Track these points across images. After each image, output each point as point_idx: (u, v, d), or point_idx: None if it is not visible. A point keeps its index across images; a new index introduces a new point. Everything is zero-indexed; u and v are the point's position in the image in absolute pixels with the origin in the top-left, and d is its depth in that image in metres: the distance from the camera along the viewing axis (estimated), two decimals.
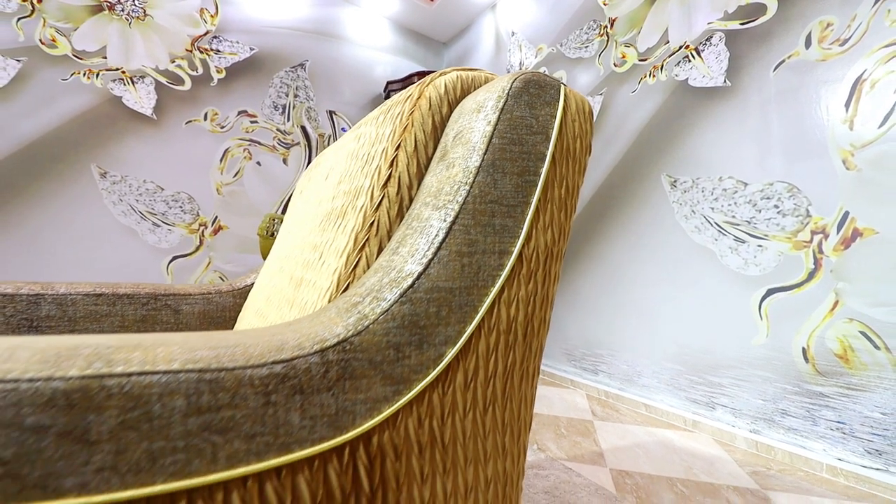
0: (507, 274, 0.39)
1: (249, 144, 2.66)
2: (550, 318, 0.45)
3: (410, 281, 0.36)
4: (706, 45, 1.72)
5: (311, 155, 2.89)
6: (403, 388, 0.34)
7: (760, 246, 1.51)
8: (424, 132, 0.46)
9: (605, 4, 2.17)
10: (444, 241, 0.37)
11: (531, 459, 1.32)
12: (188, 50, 2.48)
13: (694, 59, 1.75)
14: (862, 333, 1.28)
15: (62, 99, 2.18)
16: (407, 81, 2.98)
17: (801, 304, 1.40)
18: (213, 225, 2.52)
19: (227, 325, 0.92)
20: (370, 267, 0.42)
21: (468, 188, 0.39)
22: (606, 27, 2.16)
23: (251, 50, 2.68)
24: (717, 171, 1.65)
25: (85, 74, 2.23)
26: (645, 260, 1.88)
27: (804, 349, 1.39)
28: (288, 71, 2.82)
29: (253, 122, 2.67)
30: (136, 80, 2.34)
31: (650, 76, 1.92)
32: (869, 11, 1.31)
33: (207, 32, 2.54)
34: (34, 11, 2.15)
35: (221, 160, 2.56)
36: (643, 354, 1.86)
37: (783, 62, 1.49)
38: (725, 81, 1.65)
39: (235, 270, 2.58)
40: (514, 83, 0.42)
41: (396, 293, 0.35)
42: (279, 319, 0.54)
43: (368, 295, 0.36)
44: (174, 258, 2.40)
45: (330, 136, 2.99)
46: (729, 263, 1.59)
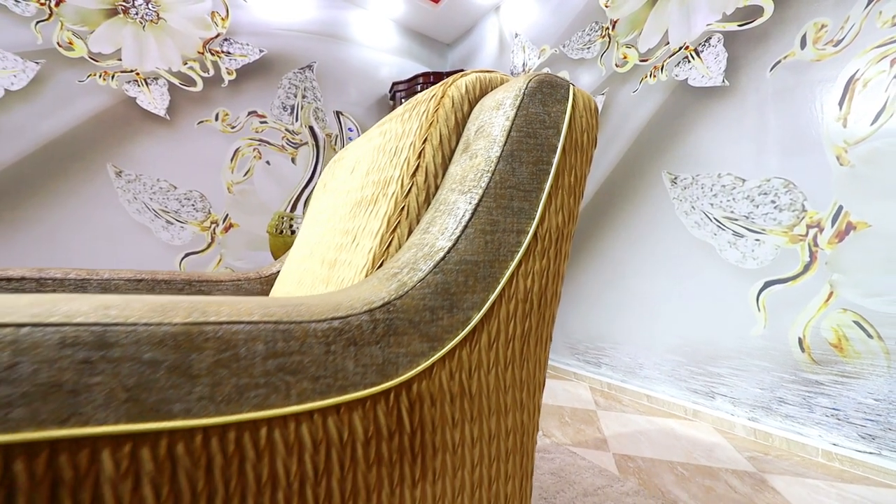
0: (524, 250, 0.45)
1: (259, 144, 2.72)
2: (561, 291, 0.50)
3: (442, 254, 0.41)
4: (705, 46, 1.77)
5: (318, 154, 2.95)
6: (437, 344, 0.39)
7: (758, 240, 1.56)
8: (448, 127, 0.52)
9: (606, 7, 2.23)
10: (470, 220, 0.43)
11: (537, 444, 1.37)
12: (200, 52, 2.54)
13: (693, 59, 1.80)
14: (855, 323, 1.33)
15: (79, 100, 2.24)
16: (412, 82, 3.03)
17: (797, 295, 1.46)
18: (224, 222, 2.59)
19: None
20: (401, 246, 0.48)
21: (490, 175, 0.45)
22: (608, 29, 2.21)
23: (260, 52, 2.75)
24: (716, 167, 1.70)
25: (101, 76, 2.29)
26: (646, 255, 1.93)
27: (800, 339, 1.44)
28: (296, 72, 2.88)
29: (262, 122, 2.74)
30: (149, 81, 2.40)
31: (651, 76, 1.98)
32: (861, 13, 1.36)
33: (218, 35, 2.60)
34: (52, 15, 2.21)
35: (232, 159, 2.62)
36: (645, 347, 1.91)
37: (779, 62, 1.54)
38: (724, 81, 1.70)
39: (245, 267, 2.64)
40: (529, 83, 0.47)
41: (430, 265, 0.41)
42: None
43: (406, 267, 0.41)
44: (187, 255, 2.46)
45: (337, 135, 3.05)
46: (728, 257, 1.64)
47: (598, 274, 2.15)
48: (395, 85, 3.13)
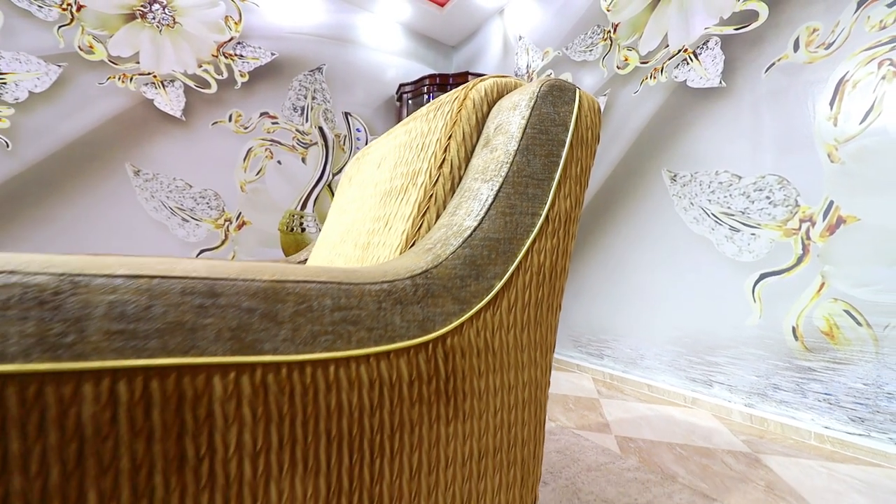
0: (537, 230, 0.52)
1: (271, 144, 2.80)
2: (569, 267, 0.57)
3: (468, 232, 0.49)
4: (703, 48, 1.84)
5: (327, 154, 3.03)
6: (466, 307, 0.47)
7: (753, 234, 1.63)
8: (470, 125, 0.59)
9: (608, 10, 2.30)
10: (491, 204, 0.50)
11: None
12: (214, 55, 2.63)
13: (692, 61, 1.88)
14: (846, 312, 1.40)
15: (99, 101, 2.33)
16: (419, 84, 3.11)
17: (790, 286, 1.53)
18: (237, 220, 2.67)
19: None
20: (430, 228, 0.56)
21: (509, 166, 0.52)
22: (610, 32, 2.29)
23: (272, 55, 2.83)
24: (713, 165, 1.77)
25: (120, 79, 2.37)
26: (647, 250, 2.00)
27: (794, 328, 1.51)
28: (306, 74, 2.97)
29: (274, 122, 2.82)
30: (166, 83, 2.49)
31: (651, 78, 2.05)
32: (850, 18, 1.43)
33: (232, 38, 2.69)
34: (73, 20, 2.30)
35: (245, 159, 2.71)
36: (646, 338, 1.98)
37: (774, 64, 1.61)
38: (721, 82, 1.77)
39: None
40: (541, 87, 0.55)
41: (459, 241, 0.48)
42: None
43: (438, 243, 0.49)
44: (202, 251, 2.54)
45: (345, 136, 3.13)
46: (725, 251, 1.71)
47: (600, 269, 2.23)
48: (401, 86, 3.20)
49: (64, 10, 2.29)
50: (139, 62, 2.43)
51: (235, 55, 2.70)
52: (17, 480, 0.28)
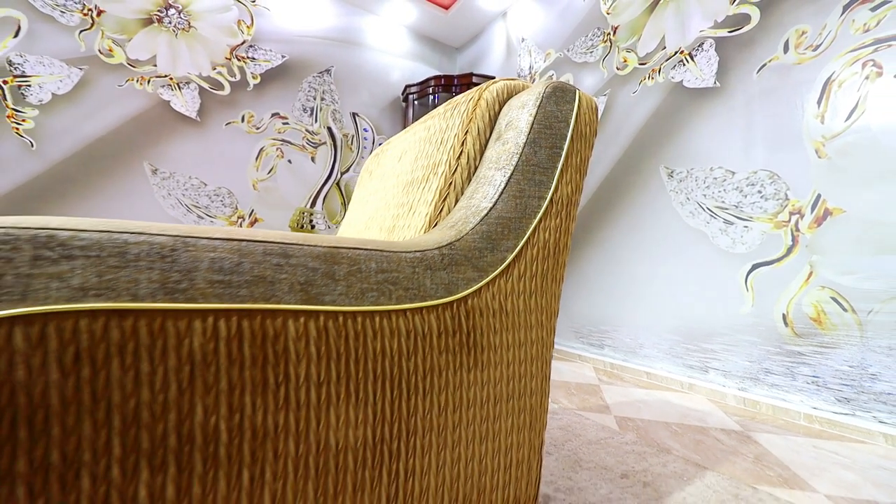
0: (543, 211, 0.61)
1: (281, 144, 2.89)
2: (570, 244, 0.66)
3: (485, 212, 0.58)
4: (698, 50, 1.93)
5: (336, 153, 3.12)
6: (484, 274, 0.55)
7: (746, 227, 1.72)
8: (484, 122, 0.68)
9: (608, 14, 2.39)
10: (504, 188, 0.59)
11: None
12: (227, 58, 2.72)
13: (688, 63, 1.96)
14: (833, 299, 1.48)
15: (118, 103, 2.42)
16: (424, 85, 3.20)
17: (781, 275, 1.61)
18: (249, 217, 2.76)
19: None
20: (450, 211, 0.64)
21: (518, 156, 0.61)
22: (609, 34, 2.37)
23: (283, 57, 2.92)
24: (708, 162, 1.86)
25: (138, 81, 2.47)
26: (645, 243, 2.09)
27: (784, 315, 1.59)
28: (315, 76, 3.06)
29: (284, 123, 2.91)
30: (182, 85, 2.58)
31: (649, 78, 2.13)
32: (837, 21, 1.51)
33: (244, 42, 2.78)
34: (94, 24, 2.39)
35: (257, 158, 2.80)
36: (644, 327, 2.06)
37: (765, 65, 1.70)
38: (715, 83, 1.85)
39: None
40: (546, 89, 0.64)
41: (477, 219, 0.57)
42: None
43: (460, 221, 0.58)
44: None
45: (353, 136, 3.22)
46: (719, 243, 1.80)
47: (600, 262, 2.31)
48: (407, 87, 3.29)
49: (85, 14, 2.38)
50: (156, 65, 2.52)
51: (248, 58, 2.80)
52: (145, 393, 0.37)
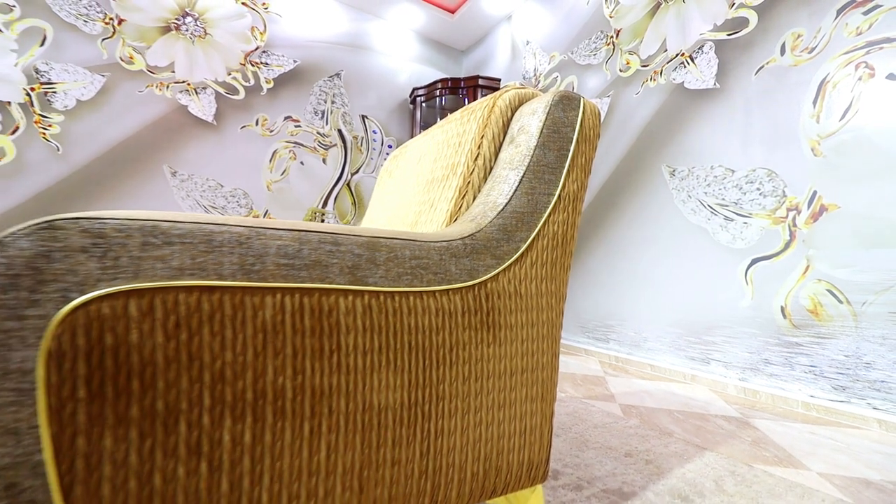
0: (552, 206, 0.68)
1: (294, 146, 2.98)
2: (576, 235, 0.74)
3: (501, 207, 0.65)
4: (699, 52, 1.99)
5: (346, 155, 3.21)
6: (501, 261, 0.63)
7: (746, 223, 1.78)
8: (498, 127, 0.76)
9: (611, 17, 2.46)
10: (517, 186, 0.67)
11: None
12: (242, 64, 2.82)
13: (688, 65, 2.03)
14: (828, 291, 1.55)
15: (139, 108, 2.52)
16: (431, 87, 3.28)
17: (779, 269, 1.67)
18: (264, 218, 2.85)
19: None
20: (468, 207, 0.72)
21: (530, 157, 0.68)
22: (612, 37, 2.44)
23: (294, 62, 3.01)
24: (708, 160, 1.92)
25: (157, 87, 2.57)
26: (648, 240, 2.15)
27: (782, 307, 1.66)
28: (326, 80, 3.15)
29: (297, 126, 3.00)
30: (199, 90, 2.68)
31: (651, 80, 2.20)
32: (831, 24, 1.58)
33: (258, 48, 2.88)
34: (115, 33, 2.49)
35: (271, 160, 2.89)
36: (648, 322, 2.13)
37: (763, 67, 1.76)
38: (715, 84, 1.92)
39: None
40: (554, 98, 0.71)
41: (494, 214, 0.65)
42: None
43: (479, 216, 0.66)
44: None
45: (363, 137, 3.31)
46: (720, 239, 1.86)
47: (605, 258, 2.38)
48: (415, 90, 3.37)
49: (106, 23, 2.48)
50: (174, 71, 2.62)
51: (261, 63, 2.89)
52: (228, 355, 0.45)
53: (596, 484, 0.95)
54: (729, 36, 1.89)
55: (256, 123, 2.85)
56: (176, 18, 2.64)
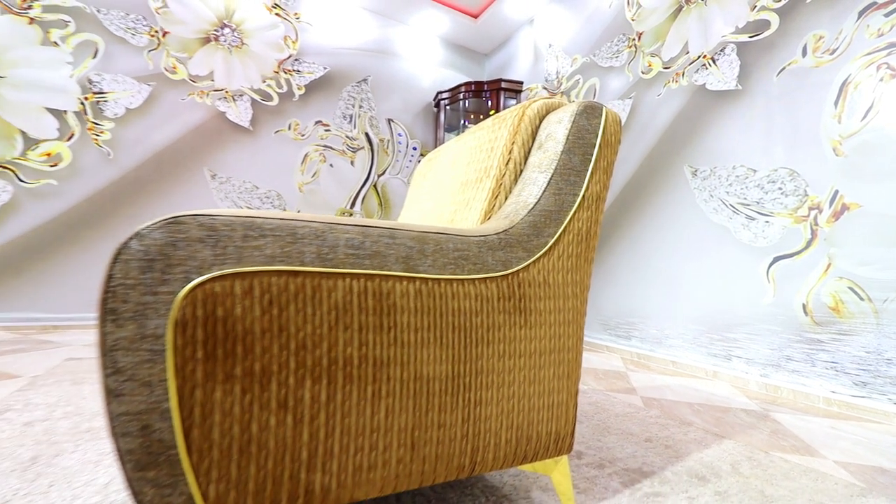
0: (577, 205, 0.76)
1: (324, 149, 3.12)
2: (599, 231, 0.81)
3: (531, 206, 0.74)
4: (720, 54, 2.03)
5: (373, 157, 3.33)
6: (531, 254, 0.71)
7: (767, 222, 1.81)
8: (527, 134, 0.84)
9: (632, 20, 2.50)
10: (546, 187, 0.75)
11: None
12: (275, 71, 2.96)
13: (710, 66, 2.06)
14: (850, 289, 1.57)
15: (182, 115, 2.68)
16: (455, 91, 3.37)
17: (801, 267, 1.70)
18: None
19: None
20: (500, 207, 0.81)
21: (557, 162, 0.76)
22: (634, 40, 2.49)
23: (325, 69, 3.15)
24: (730, 160, 1.96)
25: (198, 94, 2.73)
26: (670, 239, 2.20)
27: (804, 305, 1.68)
28: (354, 85, 3.27)
29: (326, 130, 3.13)
30: (236, 98, 2.83)
31: (673, 82, 2.24)
32: (852, 26, 1.60)
33: (290, 56, 3.02)
34: (160, 44, 2.66)
35: (302, 163, 3.03)
36: (670, 319, 2.17)
37: (784, 68, 1.79)
38: (737, 85, 1.95)
39: None
40: (579, 107, 0.79)
41: (525, 211, 0.73)
42: None
43: (511, 214, 0.74)
44: None
45: (388, 140, 3.42)
46: (741, 238, 1.90)
47: (627, 257, 2.43)
48: (439, 94, 3.47)
49: (152, 36, 2.65)
50: (213, 80, 2.78)
51: (293, 71, 3.03)
52: (309, 328, 0.55)
53: (617, 464, 1.02)
54: (751, 38, 1.92)
55: (289, 128, 2.99)
56: (215, 30, 2.80)
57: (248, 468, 0.52)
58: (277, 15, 3.00)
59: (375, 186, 3.35)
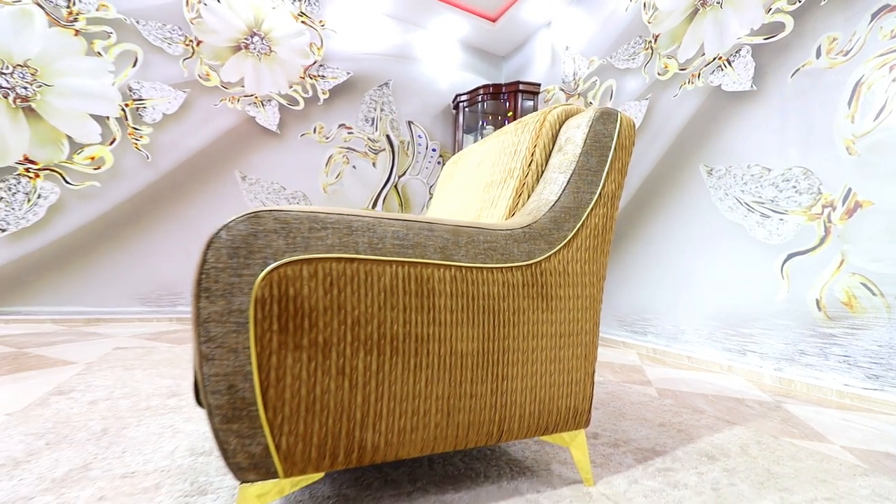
0: (594, 202, 0.84)
1: (347, 151, 3.24)
2: (614, 227, 0.89)
3: (552, 204, 0.82)
4: (736, 56, 2.07)
5: (394, 158, 3.44)
6: (552, 246, 0.80)
7: (782, 220, 1.85)
8: (548, 138, 0.92)
9: (649, 23, 2.55)
10: (566, 186, 0.83)
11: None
12: (301, 77, 3.09)
13: (726, 68, 2.11)
14: (862, 284, 1.61)
15: (214, 120, 2.83)
16: (473, 94, 3.45)
17: (814, 264, 1.74)
18: None
19: None
20: (524, 204, 0.89)
21: (575, 163, 0.85)
22: (651, 42, 2.54)
23: (348, 74, 3.27)
24: (745, 160, 2.00)
25: (230, 100, 2.87)
26: (686, 236, 2.24)
27: (817, 300, 1.72)
28: (375, 89, 3.39)
29: (349, 133, 3.25)
30: (265, 103, 2.97)
31: (689, 83, 2.29)
32: (866, 28, 1.64)
33: (315, 62, 3.14)
34: (194, 53, 2.81)
35: (326, 165, 3.15)
36: (685, 315, 2.22)
37: (799, 70, 1.83)
38: (752, 86, 2.00)
39: None
40: (595, 113, 0.87)
41: (547, 208, 0.82)
42: None
43: (534, 210, 0.83)
44: None
45: (409, 142, 3.53)
46: (756, 235, 1.94)
47: (643, 255, 2.48)
48: (457, 96, 3.56)
49: (187, 45, 2.80)
50: (244, 86, 2.92)
51: (318, 76, 3.15)
52: (362, 306, 0.64)
53: (631, 444, 1.09)
54: (766, 40, 1.96)
55: (314, 131, 3.12)
56: (245, 38, 2.94)
57: (312, 424, 0.62)
58: (303, 23, 3.13)
59: (396, 187, 3.45)
